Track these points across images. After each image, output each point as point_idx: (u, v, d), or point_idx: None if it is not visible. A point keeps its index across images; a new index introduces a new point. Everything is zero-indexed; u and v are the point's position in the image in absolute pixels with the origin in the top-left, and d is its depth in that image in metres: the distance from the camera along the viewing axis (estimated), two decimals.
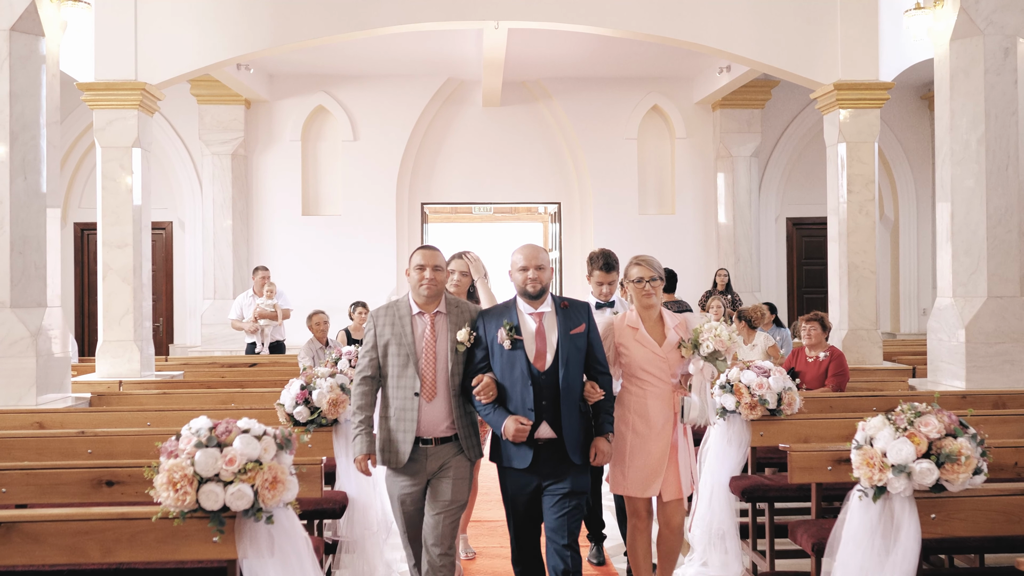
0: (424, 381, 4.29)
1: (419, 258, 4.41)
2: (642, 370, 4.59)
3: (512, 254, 4.45)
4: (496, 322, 4.34)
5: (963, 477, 3.55)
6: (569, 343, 4.28)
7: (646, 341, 4.58)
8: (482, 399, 4.28)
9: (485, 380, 4.25)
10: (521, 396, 4.24)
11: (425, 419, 4.29)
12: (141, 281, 8.92)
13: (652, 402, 4.57)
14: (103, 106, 8.76)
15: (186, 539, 3.30)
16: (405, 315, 4.39)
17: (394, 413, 4.34)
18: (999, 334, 7.12)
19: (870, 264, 9.37)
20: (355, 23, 9.07)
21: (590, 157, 14.09)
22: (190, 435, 3.28)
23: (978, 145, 7.21)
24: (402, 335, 4.33)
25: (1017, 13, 7.18)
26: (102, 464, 4.31)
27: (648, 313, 4.65)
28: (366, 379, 4.40)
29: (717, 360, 4.47)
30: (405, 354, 4.31)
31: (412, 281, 4.39)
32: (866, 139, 9.38)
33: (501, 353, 4.29)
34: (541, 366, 4.26)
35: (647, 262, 4.68)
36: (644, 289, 4.61)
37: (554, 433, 4.24)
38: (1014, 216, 7.18)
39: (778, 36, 9.31)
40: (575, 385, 4.30)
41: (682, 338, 4.57)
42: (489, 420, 4.31)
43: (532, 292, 4.32)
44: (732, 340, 4.49)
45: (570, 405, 4.25)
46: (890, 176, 14.76)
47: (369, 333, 4.43)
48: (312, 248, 13.74)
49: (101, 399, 7.21)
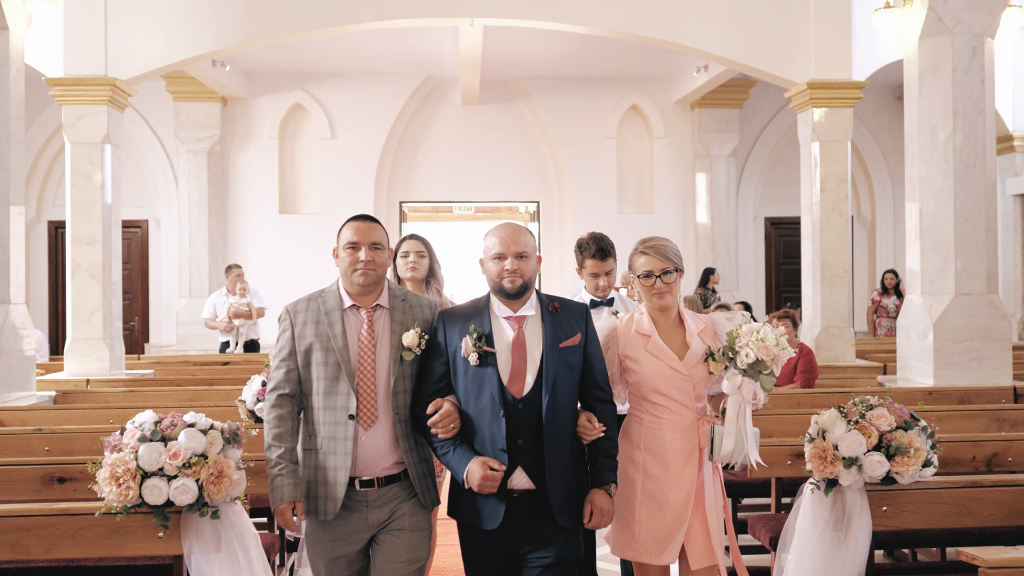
0: (362, 400, 3.21)
1: (350, 233, 3.31)
2: (656, 392, 3.43)
3: (485, 237, 3.35)
4: (461, 327, 3.26)
5: (913, 469, 3.55)
6: (558, 360, 3.21)
7: (662, 352, 3.42)
8: (439, 432, 3.20)
9: (444, 407, 3.20)
10: (490, 431, 3.18)
11: (364, 452, 3.21)
12: (111, 279, 8.85)
13: (670, 434, 3.41)
14: (72, 102, 8.69)
15: (130, 535, 3.26)
16: (333, 310, 3.29)
17: (321, 444, 3.23)
18: (967, 331, 7.14)
19: (843, 262, 9.40)
20: (329, 19, 9.03)
21: (569, 156, 14.09)
22: (134, 429, 3.25)
23: (946, 143, 7.23)
24: (329, 337, 3.24)
25: (985, 12, 7.21)
26: (55, 461, 4.26)
27: (664, 316, 3.50)
28: (282, 398, 3.27)
29: (761, 374, 3.33)
30: (335, 363, 3.22)
31: (342, 265, 3.31)
32: (839, 138, 9.41)
33: (465, 370, 3.22)
34: (518, 390, 3.18)
35: (656, 249, 3.51)
36: (655, 287, 3.46)
37: (533, 483, 3.19)
38: (981, 214, 7.20)
39: (753, 35, 9.33)
40: (565, 417, 3.23)
41: (711, 347, 3.43)
42: (448, 462, 3.23)
43: (510, 289, 3.23)
44: (781, 346, 3.34)
45: (557, 445, 3.20)
46: (867, 175, 14.82)
47: (284, 334, 3.32)
48: (289, 247, 13.67)
49: (66, 397, 7.14)
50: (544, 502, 3.19)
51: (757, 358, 3.29)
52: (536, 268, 3.32)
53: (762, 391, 3.36)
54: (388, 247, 3.40)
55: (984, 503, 3.66)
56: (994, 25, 7.24)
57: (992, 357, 7.11)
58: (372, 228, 3.33)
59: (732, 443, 3.33)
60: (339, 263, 3.34)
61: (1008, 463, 4.57)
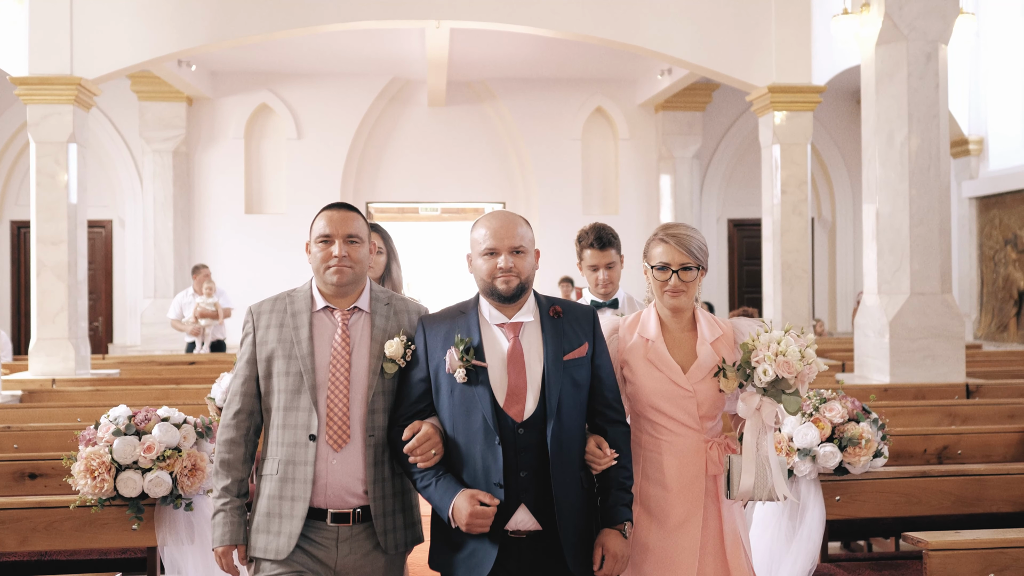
0: (332, 417, 2.72)
1: (323, 224, 2.84)
2: (654, 408, 2.88)
3: (473, 228, 2.85)
4: (444, 336, 2.76)
5: (864, 460, 3.70)
6: (563, 375, 2.72)
7: (662, 362, 2.88)
8: (419, 461, 2.69)
9: (423, 429, 2.69)
10: (483, 461, 2.67)
11: (333, 478, 2.71)
12: (76, 279, 8.83)
13: (670, 459, 2.86)
14: (37, 101, 8.66)
15: (104, 527, 3.32)
16: (301, 312, 2.83)
17: (278, 469, 2.74)
18: (921, 330, 7.35)
19: (803, 263, 9.61)
20: (295, 20, 9.08)
21: (535, 157, 14.22)
22: (109, 423, 3.31)
23: (902, 147, 7.44)
24: (293, 343, 2.77)
25: (939, 20, 7.42)
26: (25, 457, 4.28)
27: (675, 318, 2.95)
28: (236, 418, 2.81)
29: (784, 394, 2.76)
30: (297, 372, 2.75)
31: (314, 261, 2.85)
32: (799, 141, 9.62)
33: (451, 389, 2.71)
34: (517, 413, 2.68)
35: (678, 238, 2.90)
36: (669, 283, 2.89)
37: (537, 523, 2.67)
38: (935, 216, 7.41)
39: (715, 40, 9.51)
40: (573, 444, 2.72)
41: (723, 359, 2.86)
42: (429, 496, 2.71)
43: (504, 291, 2.73)
44: (807, 360, 2.75)
45: (566, 477, 2.69)
46: (827, 178, 15.10)
47: (246, 340, 2.87)
48: (256, 247, 13.67)
49: (33, 396, 7.13)
50: (552, 547, 2.67)
51: (777, 375, 2.72)
52: (535, 265, 2.81)
53: (786, 414, 2.81)
54: (370, 240, 2.93)
55: (932, 492, 3.82)
56: (948, 32, 7.46)
57: (945, 355, 7.32)
58: (348, 218, 2.84)
59: (752, 477, 2.76)
60: (311, 259, 2.86)
61: (958, 455, 4.75)
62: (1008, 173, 11.46)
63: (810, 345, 2.77)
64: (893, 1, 7.30)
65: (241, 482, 2.79)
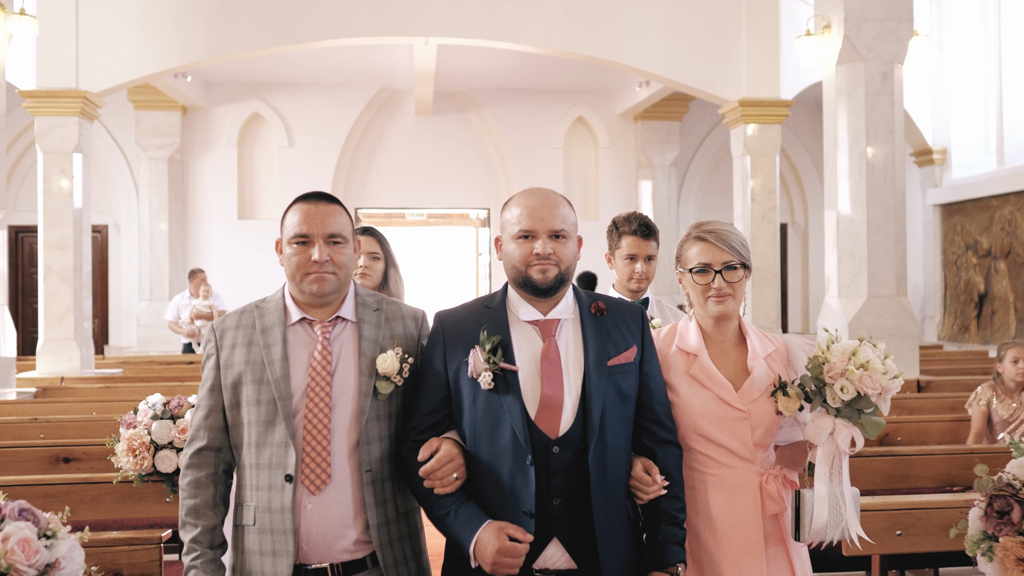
0: (308, 452, 2.28)
1: (298, 220, 2.35)
2: (699, 435, 2.46)
3: (504, 208, 2.43)
4: (466, 335, 2.33)
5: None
6: (606, 384, 2.30)
7: (710, 379, 2.47)
8: (436, 486, 2.26)
9: (443, 449, 2.27)
10: (511, 485, 2.24)
11: (311, 528, 2.28)
12: (81, 282, 9.26)
13: (718, 496, 2.43)
14: (45, 113, 9.09)
15: (143, 499, 3.78)
16: (273, 326, 2.37)
17: (254, 518, 2.32)
18: (878, 330, 7.89)
19: (772, 267, 10.15)
20: (291, 37, 9.55)
21: (518, 165, 14.72)
22: (147, 408, 3.77)
23: (860, 159, 7.99)
24: (264, 364, 2.33)
25: (894, 41, 7.98)
26: (58, 443, 4.74)
27: (720, 329, 2.54)
28: (201, 455, 2.39)
29: (863, 414, 2.36)
30: (269, 400, 2.31)
31: (288, 266, 2.37)
32: (768, 152, 10.17)
33: (474, 398, 2.29)
34: (552, 428, 2.26)
35: (717, 235, 2.51)
36: (712, 286, 2.48)
37: (572, 561, 2.25)
38: (891, 224, 7.96)
39: (689, 56, 10.05)
40: (618, 467, 2.30)
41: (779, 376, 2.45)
42: (448, 529, 2.29)
43: (541, 282, 2.31)
44: (891, 373, 2.37)
45: (610, 507, 2.27)
46: (800, 185, 15.66)
47: (208, 362, 2.43)
48: (248, 251, 14.08)
49: (46, 393, 7.57)
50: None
51: (858, 393, 2.32)
52: (577, 254, 2.39)
53: (863, 437, 2.38)
54: (354, 239, 2.44)
55: (865, 470, 4.31)
56: (903, 53, 8.01)
57: (901, 353, 7.86)
58: (329, 213, 2.36)
59: (826, 513, 2.34)
60: (283, 262, 2.37)
61: (897, 441, 5.27)
62: (969, 182, 12.04)
63: (888, 356, 2.39)
64: (852, 24, 7.85)
65: (213, 530, 2.36)
